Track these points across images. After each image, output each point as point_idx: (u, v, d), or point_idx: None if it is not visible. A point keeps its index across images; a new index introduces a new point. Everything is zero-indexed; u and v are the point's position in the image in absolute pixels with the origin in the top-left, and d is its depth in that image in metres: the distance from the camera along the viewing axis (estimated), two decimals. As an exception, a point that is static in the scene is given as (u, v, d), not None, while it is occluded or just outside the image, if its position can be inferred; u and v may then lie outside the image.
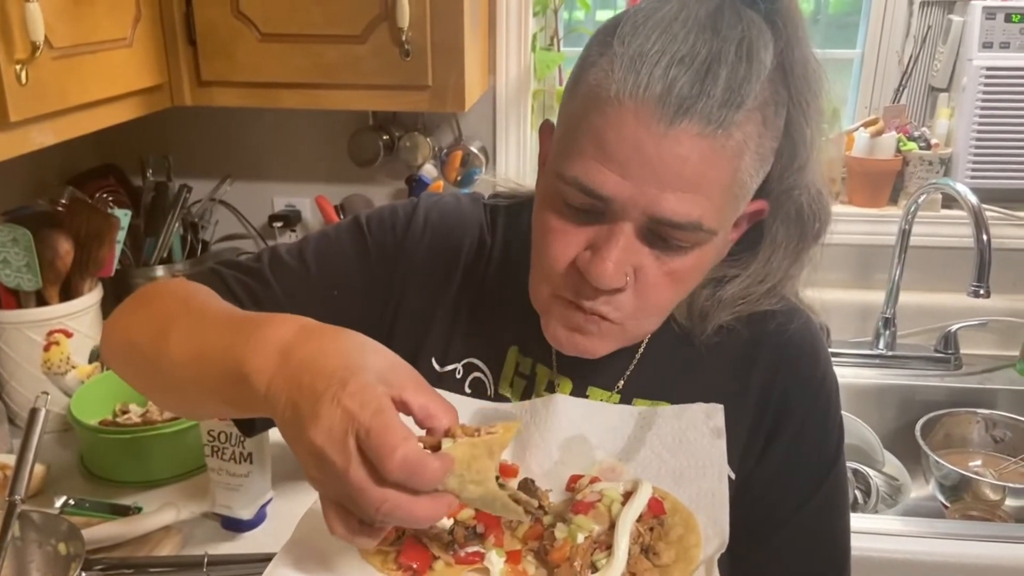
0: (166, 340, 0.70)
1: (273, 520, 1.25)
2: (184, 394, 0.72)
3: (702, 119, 0.63)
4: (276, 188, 1.89)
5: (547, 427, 0.74)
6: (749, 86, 0.64)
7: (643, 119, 0.63)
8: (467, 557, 0.66)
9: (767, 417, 0.80)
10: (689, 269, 0.71)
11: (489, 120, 1.80)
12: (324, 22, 1.37)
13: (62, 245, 1.44)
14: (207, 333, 0.67)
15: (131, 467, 1.33)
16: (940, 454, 1.55)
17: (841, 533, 0.84)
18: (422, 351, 0.84)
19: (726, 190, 0.67)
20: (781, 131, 0.70)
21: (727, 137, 0.64)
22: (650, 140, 0.63)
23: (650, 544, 0.66)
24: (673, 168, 0.64)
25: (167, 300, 0.77)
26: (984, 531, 1.32)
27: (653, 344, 0.83)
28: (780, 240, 0.78)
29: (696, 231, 0.67)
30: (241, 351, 0.61)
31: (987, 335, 1.84)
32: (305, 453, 0.55)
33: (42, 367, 1.43)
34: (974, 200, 1.56)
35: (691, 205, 0.65)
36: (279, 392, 0.58)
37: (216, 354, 0.64)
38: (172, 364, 0.69)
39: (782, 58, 0.67)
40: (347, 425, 0.53)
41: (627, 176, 0.64)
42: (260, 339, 0.61)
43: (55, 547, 1.03)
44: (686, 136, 0.63)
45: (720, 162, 0.65)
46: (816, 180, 0.76)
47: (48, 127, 1.13)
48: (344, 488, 0.54)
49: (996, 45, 1.75)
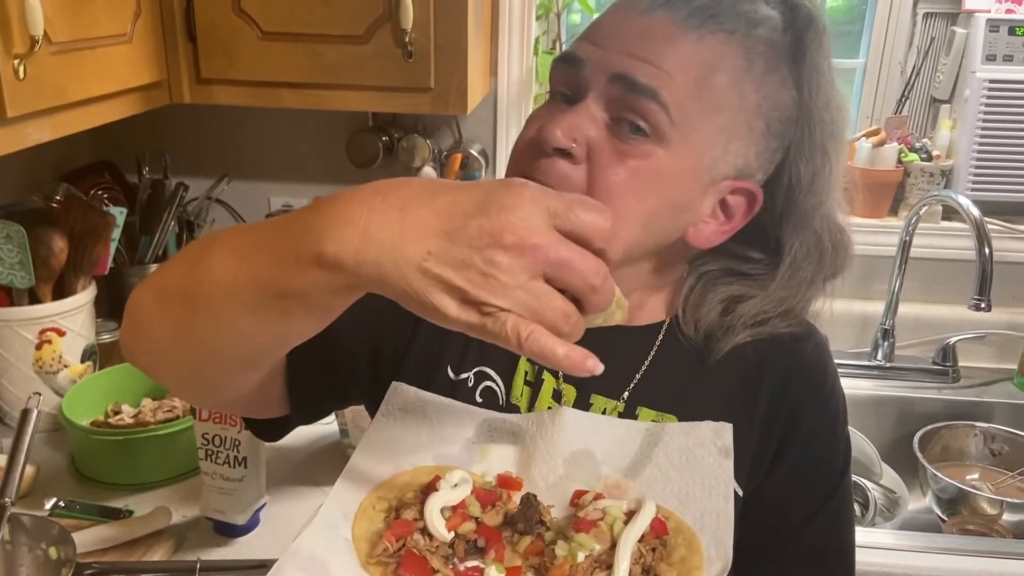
0: (207, 261, 0.60)
1: (267, 525, 1.23)
2: (227, 312, 0.60)
3: (675, 12, 0.70)
4: (273, 188, 1.88)
5: (553, 440, 0.73)
6: (733, 16, 0.71)
7: (627, 8, 0.72)
8: (466, 572, 0.65)
9: (775, 431, 0.79)
10: (645, 169, 0.69)
11: (490, 123, 1.79)
12: (326, 22, 1.36)
13: (56, 242, 1.42)
14: (260, 230, 0.59)
15: (123, 469, 1.31)
16: (938, 467, 1.55)
17: (848, 549, 0.83)
18: (440, 360, 0.83)
19: (689, 87, 0.69)
20: (779, 106, 0.73)
21: (698, 40, 0.70)
22: (626, 21, 0.71)
23: (651, 565, 0.65)
24: (640, 41, 0.70)
25: (194, 244, 0.68)
26: (981, 546, 1.31)
27: (660, 355, 0.82)
28: (799, 263, 0.78)
29: (653, 100, 0.68)
30: (311, 218, 0.53)
31: (985, 348, 1.84)
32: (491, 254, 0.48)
33: (34, 366, 1.42)
34: (976, 212, 1.55)
35: (651, 74, 0.69)
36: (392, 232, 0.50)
37: (273, 240, 0.56)
38: (215, 279, 0.59)
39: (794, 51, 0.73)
40: (537, 204, 0.50)
41: (599, 44, 0.71)
42: (333, 199, 0.53)
43: (46, 551, 1.02)
44: (658, 22, 0.70)
45: (685, 55, 0.69)
46: (836, 212, 0.78)
47: (45, 123, 1.11)
48: (550, 268, 0.49)
49: (999, 58, 1.75)
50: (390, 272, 0.50)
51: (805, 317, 0.83)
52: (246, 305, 0.58)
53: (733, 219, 0.76)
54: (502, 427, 0.76)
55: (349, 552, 0.66)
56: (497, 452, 0.75)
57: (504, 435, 0.76)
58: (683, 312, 0.81)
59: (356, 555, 0.66)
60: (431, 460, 0.75)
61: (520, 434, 0.75)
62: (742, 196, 0.75)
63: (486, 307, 0.49)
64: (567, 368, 0.50)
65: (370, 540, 0.67)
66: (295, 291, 0.54)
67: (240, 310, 0.59)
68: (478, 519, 0.67)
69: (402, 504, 0.69)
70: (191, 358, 0.67)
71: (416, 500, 0.68)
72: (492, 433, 0.76)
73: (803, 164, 0.75)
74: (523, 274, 0.49)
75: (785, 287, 0.79)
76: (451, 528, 0.66)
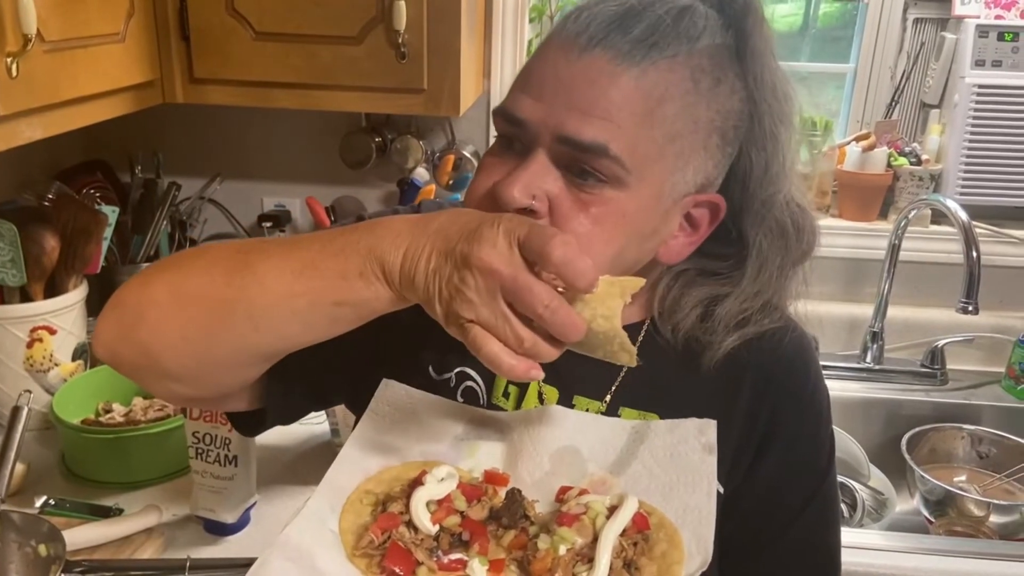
0: (251, 271, 0.66)
1: (257, 524, 1.23)
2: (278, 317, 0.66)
3: (613, 49, 0.67)
4: (266, 188, 1.88)
5: (540, 437, 0.74)
6: (672, 38, 0.68)
7: (563, 49, 0.69)
8: (450, 564, 0.66)
9: (757, 430, 0.80)
10: (608, 212, 0.69)
11: (483, 125, 1.80)
12: (320, 22, 1.37)
13: (48, 241, 1.42)
14: (308, 249, 0.65)
15: (113, 467, 1.31)
16: (925, 469, 1.56)
17: (833, 547, 0.83)
18: (420, 360, 0.83)
19: (639, 126, 0.67)
20: (731, 114, 0.72)
21: (640, 72, 0.67)
22: (564, 65, 0.68)
23: (632, 559, 0.65)
24: (581, 90, 0.67)
25: (218, 251, 0.71)
26: (968, 547, 1.32)
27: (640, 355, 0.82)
28: (765, 253, 0.78)
29: (603, 156, 0.67)
30: (364, 244, 0.63)
31: (973, 351, 1.85)
32: (464, 276, 0.58)
33: (24, 364, 1.42)
34: (964, 216, 1.56)
35: (597, 128, 0.67)
36: (420, 252, 0.60)
37: (331, 259, 0.64)
38: (266, 290, 0.65)
39: (736, 46, 0.72)
40: (510, 236, 0.58)
41: (540, 99, 0.69)
42: (381, 228, 0.63)
43: (35, 548, 1.02)
44: (597, 62, 0.67)
45: (629, 93, 0.67)
46: (796, 195, 0.78)
47: (37, 121, 1.12)
48: (511, 294, 0.57)
49: (988, 63, 1.77)
50: (419, 285, 0.61)
51: (786, 311, 0.83)
52: (297, 313, 0.65)
53: (699, 230, 0.76)
54: (489, 424, 0.77)
55: (336, 544, 0.67)
56: (484, 448, 0.75)
57: (491, 432, 0.76)
58: (659, 315, 0.81)
59: (342, 547, 0.67)
60: (419, 456, 0.75)
61: (507, 431, 0.76)
62: (705, 208, 0.75)
63: (459, 317, 0.59)
64: (509, 375, 0.59)
65: (356, 532, 0.68)
66: (355, 300, 0.63)
67: (289, 317, 0.66)
68: (463, 513, 0.68)
69: (389, 498, 0.69)
70: (204, 356, 0.70)
71: (403, 494, 0.69)
72: (480, 430, 0.76)
73: (755, 154, 0.74)
74: (485, 294, 0.58)
75: (757, 280, 0.78)
76: (436, 521, 0.66)
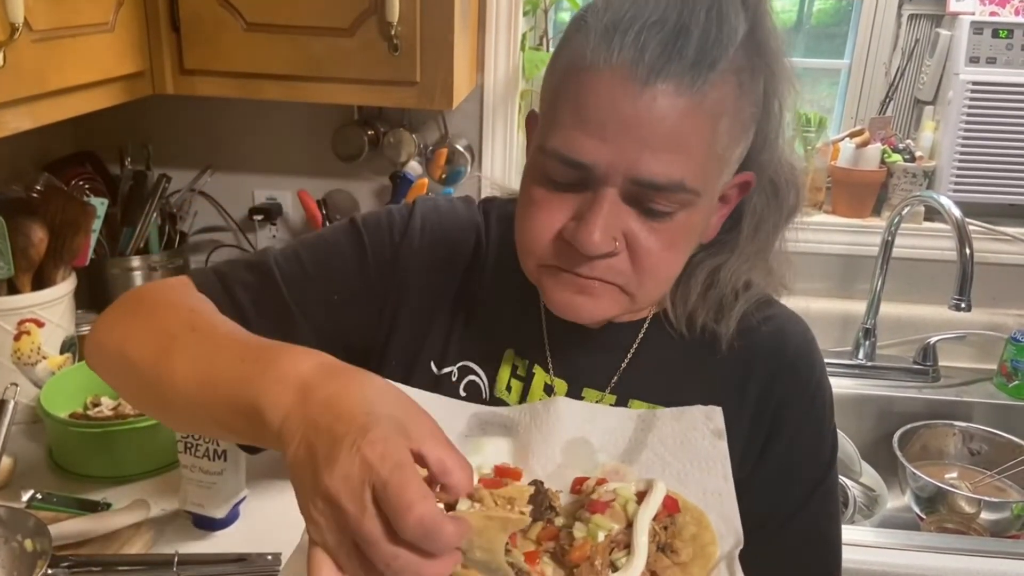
0: (169, 361, 0.67)
1: (246, 519, 1.22)
2: (185, 417, 0.69)
3: (675, 79, 0.64)
4: (257, 180, 1.86)
5: (549, 430, 0.74)
6: (721, 48, 0.65)
7: (618, 83, 0.65)
8: None
9: (764, 422, 0.80)
10: (680, 233, 0.71)
11: (476, 119, 1.79)
12: (311, 14, 1.35)
13: (36, 233, 1.41)
14: (217, 359, 0.64)
15: (101, 462, 1.30)
16: (917, 465, 1.56)
17: (834, 540, 0.84)
18: (421, 355, 0.83)
19: (707, 149, 0.67)
20: (760, 100, 0.72)
21: (702, 97, 0.65)
22: (626, 101, 0.65)
23: (667, 542, 0.66)
24: (650, 127, 0.65)
25: (168, 314, 0.73)
26: (959, 544, 1.33)
27: (646, 345, 0.83)
28: (759, 212, 0.79)
29: (679, 191, 0.67)
30: (257, 384, 0.58)
31: (966, 348, 1.86)
32: (315, 496, 0.52)
33: (12, 357, 1.40)
34: (957, 213, 1.56)
35: (671, 165, 0.66)
36: (294, 431, 0.55)
37: (227, 384, 0.61)
38: (175, 388, 0.66)
39: (753, 24, 0.69)
40: (365, 476, 0.50)
41: (606, 140, 0.66)
42: (277, 372, 0.58)
43: (21, 543, 1.01)
44: (661, 96, 0.64)
45: (697, 121, 0.66)
46: (787, 152, 0.78)
47: (25, 111, 1.10)
48: (354, 537, 0.51)
49: (983, 60, 1.77)
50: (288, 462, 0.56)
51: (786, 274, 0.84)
52: (199, 419, 0.67)
53: (729, 203, 0.78)
54: (493, 420, 0.76)
55: None
56: (490, 445, 0.75)
57: (496, 428, 0.76)
58: (672, 306, 0.82)
59: None
60: None
61: (512, 426, 0.76)
62: (737, 187, 0.77)
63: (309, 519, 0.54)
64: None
65: None
66: (242, 432, 0.61)
67: (196, 420, 0.68)
68: None
69: None
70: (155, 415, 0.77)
71: None
72: (483, 426, 0.76)
73: (762, 122, 0.74)
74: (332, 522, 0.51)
75: (755, 239, 0.80)
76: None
